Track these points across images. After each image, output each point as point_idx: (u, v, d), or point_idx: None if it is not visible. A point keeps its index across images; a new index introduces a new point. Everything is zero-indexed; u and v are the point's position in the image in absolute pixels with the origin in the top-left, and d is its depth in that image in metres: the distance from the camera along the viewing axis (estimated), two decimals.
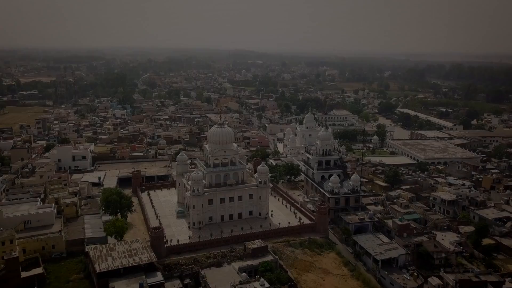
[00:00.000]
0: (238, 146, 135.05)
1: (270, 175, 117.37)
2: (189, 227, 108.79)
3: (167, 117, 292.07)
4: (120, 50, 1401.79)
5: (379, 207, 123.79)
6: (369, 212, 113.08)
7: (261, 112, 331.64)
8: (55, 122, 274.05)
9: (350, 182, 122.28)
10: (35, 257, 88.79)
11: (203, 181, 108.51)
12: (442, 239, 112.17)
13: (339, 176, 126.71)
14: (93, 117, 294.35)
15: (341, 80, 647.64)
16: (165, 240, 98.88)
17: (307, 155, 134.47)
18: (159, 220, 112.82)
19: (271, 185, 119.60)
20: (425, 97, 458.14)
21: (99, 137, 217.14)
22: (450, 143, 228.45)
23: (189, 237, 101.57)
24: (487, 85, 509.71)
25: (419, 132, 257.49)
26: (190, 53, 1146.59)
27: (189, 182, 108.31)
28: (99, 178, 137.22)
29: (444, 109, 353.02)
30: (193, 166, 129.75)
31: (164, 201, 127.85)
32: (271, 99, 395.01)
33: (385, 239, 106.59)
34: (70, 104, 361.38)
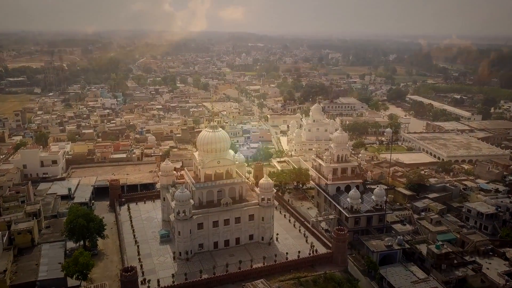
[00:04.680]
0: (240, 139, 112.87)
1: (274, 190, 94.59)
2: (174, 258, 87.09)
3: (161, 106, 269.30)
4: (117, 33, 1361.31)
5: (408, 227, 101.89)
6: (398, 237, 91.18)
7: (262, 100, 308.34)
8: (38, 113, 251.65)
9: (373, 197, 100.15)
10: None
11: (191, 200, 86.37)
12: (488, 268, 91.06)
13: (357, 187, 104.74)
14: (80, 106, 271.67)
15: (345, 64, 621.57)
16: (142, 279, 77.56)
17: (319, 161, 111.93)
18: (138, 247, 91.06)
19: (276, 203, 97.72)
20: (436, 82, 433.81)
21: (82, 131, 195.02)
22: (471, 136, 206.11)
23: (173, 275, 79.73)
24: (498, 69, 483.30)
25: (436, 123, 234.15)
26: (189, 35, 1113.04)
27: (173, 203, 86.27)
28: (69, 189, 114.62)
29: (458, 96, 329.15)
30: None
31: (146, 219, 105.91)
32: (273, 85, 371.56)
33: (419, 273, 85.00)
34: (58, 92, 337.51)
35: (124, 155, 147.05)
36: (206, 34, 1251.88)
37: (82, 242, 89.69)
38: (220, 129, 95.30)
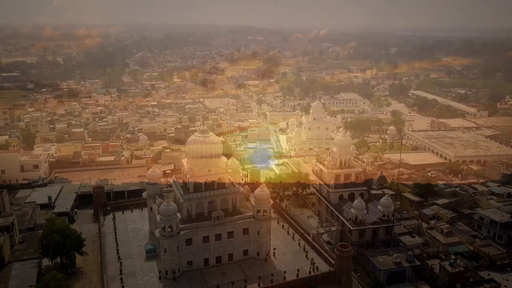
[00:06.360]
0: (237, 138, 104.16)
1: (271, 201, 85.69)
2: (160, 277, 78.74)
3: (156, 103, 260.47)
4: (116, 26, 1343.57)
5: (417, 239, 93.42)
6: (408, 253, 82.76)
7: (261, 95, 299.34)
8: (29, 110, 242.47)
9: (379, 207, 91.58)
10: None
11: (178, 214, 77.86)
12: (506, 286, 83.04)
13: (362, 195, 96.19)
14: (73, 103, 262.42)
15: (346, 58, 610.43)
16: None
17: (320, 166, 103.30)
18: (121, 264, 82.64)
19: (274, 215, 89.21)
20: (438, 76, 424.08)
21: (72, 130, 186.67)
22: (478, 134, 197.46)
23: None
24: (502, 63, 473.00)
25: (441, 120, 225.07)
26: (189, 29, 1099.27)
27: (158, 217, 77.74)
28: (50, 198, 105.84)
29: (462, 91, 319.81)
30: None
31: (132, 230, 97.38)
32: (272, 80, 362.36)
33: None
34: (51, 88, 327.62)
35: (112, 158, 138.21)
36: (205, 27, 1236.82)
37: (59, 260, 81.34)
38: (211, 133, 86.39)
